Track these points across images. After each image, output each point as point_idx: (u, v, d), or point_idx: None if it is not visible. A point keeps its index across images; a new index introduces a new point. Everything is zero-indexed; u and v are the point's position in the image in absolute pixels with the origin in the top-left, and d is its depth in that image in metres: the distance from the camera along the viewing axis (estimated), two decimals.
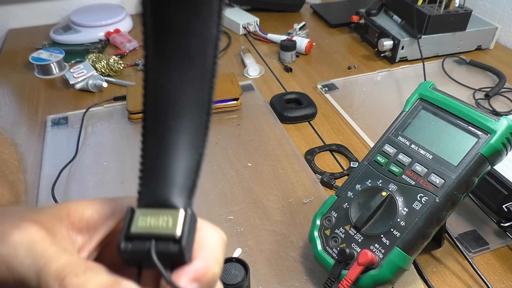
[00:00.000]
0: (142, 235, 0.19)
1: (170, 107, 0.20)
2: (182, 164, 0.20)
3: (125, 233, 0.20)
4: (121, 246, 0.19)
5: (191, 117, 0.20)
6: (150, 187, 0.21)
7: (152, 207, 0.20)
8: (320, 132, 0.73)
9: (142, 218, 0.20)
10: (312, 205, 0.58)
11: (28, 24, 1.12)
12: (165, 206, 0.20)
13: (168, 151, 0.20)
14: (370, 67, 0.92)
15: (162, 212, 0.20)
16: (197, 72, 0.20)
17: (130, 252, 0.19)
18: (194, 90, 0.20)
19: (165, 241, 0.19)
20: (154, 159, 0.21)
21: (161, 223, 0.19)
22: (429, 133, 0.45)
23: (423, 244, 0.42)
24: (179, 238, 0.19)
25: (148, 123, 0.21)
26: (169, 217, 0.20)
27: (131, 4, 1.19)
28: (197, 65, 0.20)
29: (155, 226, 0.19)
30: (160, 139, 0.20)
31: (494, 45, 0.99)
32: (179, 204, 0.20)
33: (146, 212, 0.20)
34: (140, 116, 0.73)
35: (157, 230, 0.19)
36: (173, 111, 0.20)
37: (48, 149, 0.68)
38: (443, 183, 0.41)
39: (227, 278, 0.38)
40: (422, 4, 0.91)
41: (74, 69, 0.84)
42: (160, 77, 0.20)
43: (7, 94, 0.84)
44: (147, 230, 0.19)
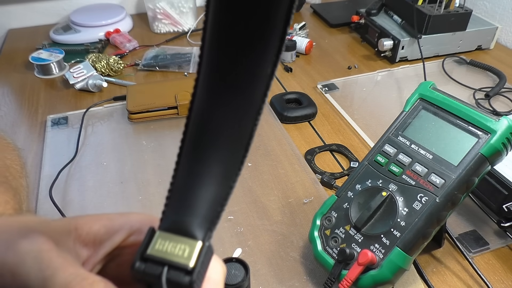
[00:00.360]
0: (157, 258, 0.19)
1: (212, 136, 0.20)
2: (210, 195, 0.20)
3: (141, 253, 0.20)
4: (136, 265, 0.20)
5: (230, 150, 0.20)
6: (175, 212, 0.21)
7: (172, 233, 0.20)
8: (320, 132, 0.73)
9: (160, 242, 0.20)
10: (312, 205, 0.58)
11: (28, 24, 1.12)
12: (185, 235, 0.20)
13: (200, 180, 0.20)
14: (370, 67, 0.92)
15: (180, 240, 0.20)
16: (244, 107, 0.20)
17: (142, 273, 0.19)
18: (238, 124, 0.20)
19: (177, 270, 0.19)
20: (184, 185, 0.21)
21: (177, 251, 0.19)
22: (429, 133, 0.45)
23: (423, 244, 0.42)
24: (192, 270, 0.19)
25: (186, 148, 0.21)
26: (186, 247, 0.20)
27: (131, 4, 1.19)
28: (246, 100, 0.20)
29: (171, 252, 0.19)
30: (194, 165, 0.20)
31: (494, 45, 0.99)
32: (198, 235, 0.20)
33: (165, 236, 0.20)
34: (140, 116, 0.73)
35: (172, 257, 0.19)
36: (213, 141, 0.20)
37: (48, 149, 0.68)
38: (443, 183, 0.41)
39: (227, 278, 0.38)
40: (422, 4, 0.91)
41: (74, 69, 0.84)
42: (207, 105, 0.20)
43: (7, 94, 0.84)
44: (163, 255, 0.19)
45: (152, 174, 0.64)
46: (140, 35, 1.07)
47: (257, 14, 0.17)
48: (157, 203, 0.59)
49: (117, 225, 0.23)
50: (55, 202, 0.57)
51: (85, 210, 0.58)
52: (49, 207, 0.56)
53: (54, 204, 0.56)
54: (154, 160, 0.66)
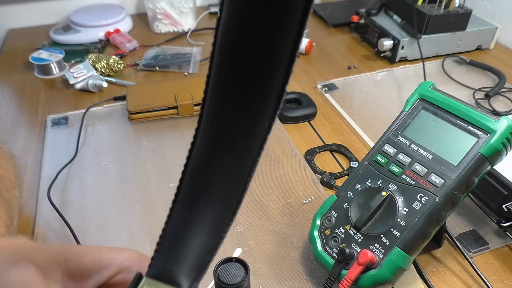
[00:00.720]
0: None
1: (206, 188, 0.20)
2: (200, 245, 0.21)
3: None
4: None
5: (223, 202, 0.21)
6: (163, 259, 0.21)
7: (159, 280, 0.20)
8: (320, 132, 0.73)
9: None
10: (312, 205, 0.58)
11: (28, 24, 1.12)
12: (171, 283, 0.20)
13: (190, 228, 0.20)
14: (370, 67, 0.92)
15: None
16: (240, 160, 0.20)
17: None
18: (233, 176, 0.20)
19: None
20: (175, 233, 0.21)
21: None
22: (429, 133, 0.45)
23: (423, 244, 0.42)
24: None
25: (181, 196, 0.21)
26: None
27: (131, 4, 1.19)
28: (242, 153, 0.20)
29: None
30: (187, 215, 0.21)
31: (494, 45, 0.99)
32: (184, 285, 0.20)
33: (151, 283, 0.20)
34: (140, 116, 0.73)
35: None
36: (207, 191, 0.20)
37: (48, 149, 0.68)
38: (443, 183, 0.41)
39: (227, 278, 0.38)
40: (422, 4, 0.91)
41: (74, 69, 0.84)
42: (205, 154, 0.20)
43: (7, 94, 0.84)
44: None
45: (152, 174, 0.64)
46: (140, 35, 1.07)
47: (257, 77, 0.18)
48: (157, 203, 0.59)
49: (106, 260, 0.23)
50: (53, 203, 0.56)
51: (85, 210, 0.58)
52: (49, 208, 0.56)
53: (52, 205, 0.56)
54: (154, 160, 0.67)
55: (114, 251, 0.24)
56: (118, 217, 0.57)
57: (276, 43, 0.17)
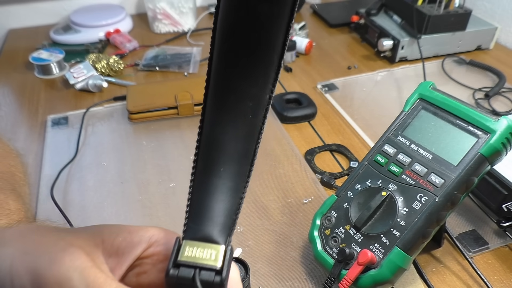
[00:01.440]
0: (188, 263, 0.22)
1: (221, 155, 0.23)
2: (225, 205, 0.23)
3: (173, 260, 0.22)
4: (170, 271, 0.22)
5: (237, 166, 0.23)
6: (196, 223, 0.23)
7: (198, 241, 0.23)
8: (320, 132, 0.73)
9: (188, 249, 0.23)
10: (312, 205, 0.58)
11: (28, 24, 1.12)
12: (209, 241, 0.23)
13: (214, 193, 0.23)
14: (370, 67, 0.92)
15: (206, 246, 0.23)
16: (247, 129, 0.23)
17: (177, 277, 0.22)
18: (242, 144, 0.23)
19: (208, 271, 0.22)
20: (201, 199, 0.23)
21: (205, 255, 0.22)
22: (429, 133, 0.45)
23: (423, 244, 0.42)
24: (220, 270, 0.22)
25: (199, 167, 0.24)
26: (212, 251, 0.22)
27: (131, 4, 1.20)
28: (248, 123, 0.23)
29: (200, 257, 0.22)
30: (208, 181, 0.23)
31: (494, 45, 0.99)
32: (221, 241, 0.23)
33: (192, 244, 0.23)
34: (140, 116, 0.73)
35: (201, 261, 0.22)
36: (222, 159, 0.23)
37: (48, 149, 0.69)
38: (443, 183, 0.41)
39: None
40: (422, 4, 0.92)
41: (74, 69, 0.84)
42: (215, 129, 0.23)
43: (7, 94, 0.84)
44: (193, 259, 0.22)
45: (152, 174, 0.64)
46: (140, 35, 1.07)
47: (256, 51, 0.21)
48: (157, 203, 0.59)
49: (137, 237, 0.25)
50: (56, 203, 0.57)
51: (85, 210, 0.58)
52: (50, 207, 0.56)
53: (55, 204, 0.56)
54: (154, 160, 0.67)
55: (141, 229, 0.26)
56: (118, 217, 0.57)
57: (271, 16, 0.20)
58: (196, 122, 0.75)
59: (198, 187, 0.24)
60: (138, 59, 0.94)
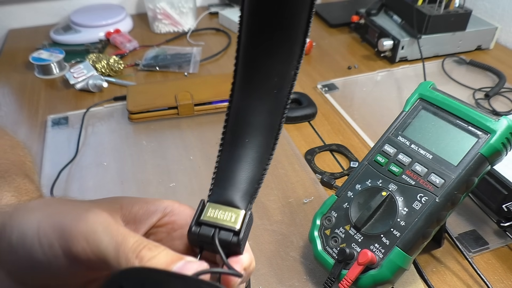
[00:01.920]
0: (209, 223, 0.24)
1: (246, 127, 0.25)
2: (249, 174, 0.25)
3: (196, 219, 0.24)
4: (192, 229, 0.24)
5: (262, 138, 0.25)
6: (221, 188, 0.25)
7: (220, 204, 0.24)
8: (320, 132, 0.73)
9: (211, 211, 0.24)
10: (312, 205, 0.58)
11: (28, 24, 1.12)
12: (231, 205, 0.24)
13: (239, 162, 0.25)
14: (370, 67, 0.92)
15: (227, 209, 0.24)
16: (272, 103, 0.24)
17: (197, 235, 0.24)
18: (268, 117, 0.25)
19: (227, 232, 0.23)
20: (226, 166, 0.25)
21: (225, 217, 0.24)
22: (429, 133, 0.45)
23: (423, 244, 0.42)
24: (238, 231, 0.23)
25: (227, 138, 0.25)
26: (232, 214, 0.24)
27: (131, 4, 1.20)
28: (273, 98, 0.24)
29: (221, 218, 0.24)
30: (234, 151, 0.25)
31: (494, 45, 0.99)
32: (241, 206, 0.25)
33: (214, 206, 0.24)
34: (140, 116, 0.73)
35: (222, 222, 0.24)
36: (248, 131, 0.25)
37: (48, 149, 0.69)
38: (443, 183, 0.41)
39: None
40: (422, 4, 0.92)
41: (74, 69, 0.84)
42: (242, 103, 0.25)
43: (7, 94, 0.84)
44: (214, 220, 0.24)
45: (152, 174, 0.64)
46: (140, 35, 1.07)
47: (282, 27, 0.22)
48: None
49: (153, 207, 0.27)
50: None
51: None
52: None
53: None
54: (154, 160, 0.67)
55: (157, 200, 0.27)
56: None
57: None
58: (196, 122, 0.75)
59: (225, 156, 0.25)
60: (138, 59, 0.94)
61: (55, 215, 0.24)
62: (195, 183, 0.62)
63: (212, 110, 0.76)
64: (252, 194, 0.25)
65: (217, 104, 0.75)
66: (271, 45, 0.23)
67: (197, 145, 0.70)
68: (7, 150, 0.40)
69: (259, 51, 0.23)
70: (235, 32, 1.07)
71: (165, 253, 0.22)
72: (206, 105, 0.75)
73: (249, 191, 0.25)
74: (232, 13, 1.11)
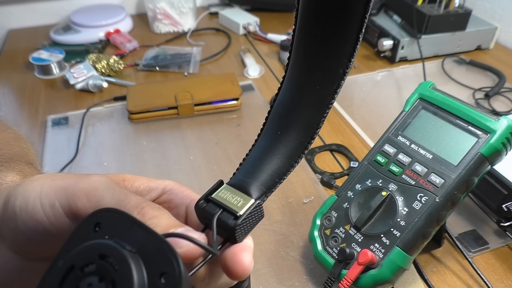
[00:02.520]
0: (216, 201, 0.24)
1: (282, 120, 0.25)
2: (273, 167, 0.25)
3: (206, 195, 0.24)
4: (199, 202, 0.24)
5: (298, 136, 0.25)
6: (241, 173, 0.25)
7: (235, 188, 0.25)
8: (320, 132, 0.73)
9: (224, 192, 0.24)
10: (312, 205, 0.58)
11: (28, 24, 1.12)
12: (244, 192, 0.24)
13: (267, 154, 0.25)
14: (370, 67, 0.92)
15: (239, 194, 0.24)
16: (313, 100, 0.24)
17: (202, 210, 0.24)
18: (309, 115, 0.24)
19: (228, 214, 0.23)
20: (254, 155, 0.25)
21: (233, 201, 0.24)
22: (429, 133, 0.45)
23: (423, 243, 0.42)
24: (239, 217, 0.23)
25: (266, 128, 0.26)
26: (241, 200, 0.24)
27: (131, 4, 1.20)
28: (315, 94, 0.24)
29: (228, 201, 0.24)
30: (267, 142, 0.25)
31: (494, 45, 0.99)
32: (254, 195, 0.24)
33: (229, 189, 0.25)
34: (140, 116, 0.73)
35: (228, 204, 0.24)
36: (282, 124, 0.25)
37: (49, 149, 0.69)
38: (443, 183, 0.41)
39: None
40: (422, 4, 0.92)
41: (74, 69, 0.84)
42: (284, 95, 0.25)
43: (7, 94, 0.84)
44: (222, 200, 0.24)
45: (152, 174, 0.64)
46: (140, 35, 1.07)
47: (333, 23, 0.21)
48: None
49: (154, 184, 0.27)
50: None
51: None
52: None
53: None
54: (154, 160, 0.67)
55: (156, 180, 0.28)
56: None
57: None
58: (196, 122, 0.75)
59: (256, 145, 0.25)
60: (138, 59, 0.94)
61: (58, 179, 0.24)
62: (195, 183, 0.62)
63: (212, 110, 0.76)
64: (270, 187, 0.25)
65: (217, 104, 0.75)
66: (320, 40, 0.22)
67: (197, 145, 0.70)
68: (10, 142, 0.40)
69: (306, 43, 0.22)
70: (235, 32, 1.08)
71: (167, 215, 0.22)
72: (206, 105, 0.75)
73: (267, 183, 0.25)
74: (232, 13, 1.11)
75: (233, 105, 0.76)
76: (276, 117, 0.25)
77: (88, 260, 0.19)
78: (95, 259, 0.19)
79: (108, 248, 0.19)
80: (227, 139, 0.70)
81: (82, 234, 0.20)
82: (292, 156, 0.25)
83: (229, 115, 0.76)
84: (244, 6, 1.18)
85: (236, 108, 0.77)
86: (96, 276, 0.18)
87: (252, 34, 1.07)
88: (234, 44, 1.03)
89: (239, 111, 0.77)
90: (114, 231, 0.20)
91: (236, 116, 0.76)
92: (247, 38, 1.06)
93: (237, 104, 0.76)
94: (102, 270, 0.19)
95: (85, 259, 0.19)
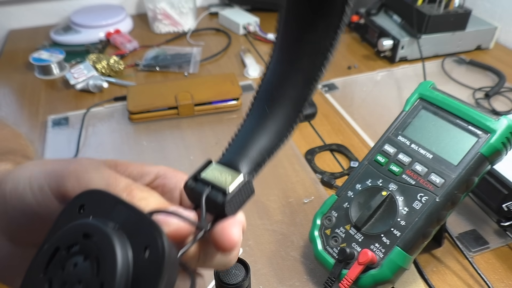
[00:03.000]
0: (205, 180, 0.24)
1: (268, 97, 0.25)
2: (262, 144, 0.25)
3: (195, 175, 0.24)
4: (188, 182, 0.24)
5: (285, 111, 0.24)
6: (231, 152, 0.25)
7: (224, 165, 0.24)
8: (320, 132, 0.73)
9: (212, 170, 0.24)
10: (312, 204, 0.58)
11: (28, 24, 1.13)
12: (232, 168, 0.24)
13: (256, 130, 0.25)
14: (370, 67, 0.92)
15: (228, 171, 0.24)
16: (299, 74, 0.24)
17: (191, 189, 0.24)
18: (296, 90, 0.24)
19: (217, 191, 0.23)
20: (242, 134, 0.25)
21: (222, 178, 0.24)
22: (429, 132, 0.45)
23: (423, 243, 0.42)
24: (227, 193, 0.23)
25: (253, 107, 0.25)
26: (230, 176, 0.24)
27: (131, 5, 1.20)
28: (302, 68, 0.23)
29: (217, 178, 0.24)
30: (255, 120, 0.25)
31: (494, 45, 0.99)
32: (243, 170, 0.24)
33: (217, 167, 0.24)
34: (141, 116, 0.73)
35: (216, 181, 0.23)
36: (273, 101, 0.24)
37: (49, 150, 0.69)
38: (443, 183, 0.41)
39: (227, 278, 0.38)
40: (422, 4, 0.92)
41: (75, 70, 0.84)
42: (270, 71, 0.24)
43: (7, 95, 0.84)
44: (211, 179, 0.23)
45: None
46: (140, 36, 1.07)
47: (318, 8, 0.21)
48: None
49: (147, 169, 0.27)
50: None
51: None
52: None
53: None
54: (154, 160, 0.67)
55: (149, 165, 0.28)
56: None
57: None
58: (196, 122, 0.75)
59: (244, 124, 0.25)
60: (138, 60, 0.94)
61: (48, 164, 0.24)
62: None
63: (212, 110, 0.76)
64: (259, 163, 0.25)
65: (217, 104, 0.75)
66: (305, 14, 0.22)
67: (197, 145, 0.70)
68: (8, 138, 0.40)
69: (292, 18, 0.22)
70: (235, 32, 1.08)
71: (156, 196, 0.23)
72: (206, 105, 0.75)
73: (256, 160, 0.25)
74: (232, 13, 1.11)
75: (233, 105, 0.76)
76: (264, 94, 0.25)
77: (72, 240, 0.19)
78: (79, 239, 0.19)
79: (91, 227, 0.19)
80: (227, 139, 0.70)
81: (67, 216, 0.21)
82: (282, 132, 0.25)
83: (229, 115, 0.77)
84: (244, 6, 1.18)
85: (236, 108, 0.77)
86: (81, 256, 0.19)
87: (252, 34, 1.07)
88: (234, 44, 1.03)
89: (239, 111, 0.77)
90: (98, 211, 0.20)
91: (236, 116, 0.76)
92: (247, 38, 1.06)
93: (237, 104, 0.76)
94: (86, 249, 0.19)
95: (69, 240, 0.19)
